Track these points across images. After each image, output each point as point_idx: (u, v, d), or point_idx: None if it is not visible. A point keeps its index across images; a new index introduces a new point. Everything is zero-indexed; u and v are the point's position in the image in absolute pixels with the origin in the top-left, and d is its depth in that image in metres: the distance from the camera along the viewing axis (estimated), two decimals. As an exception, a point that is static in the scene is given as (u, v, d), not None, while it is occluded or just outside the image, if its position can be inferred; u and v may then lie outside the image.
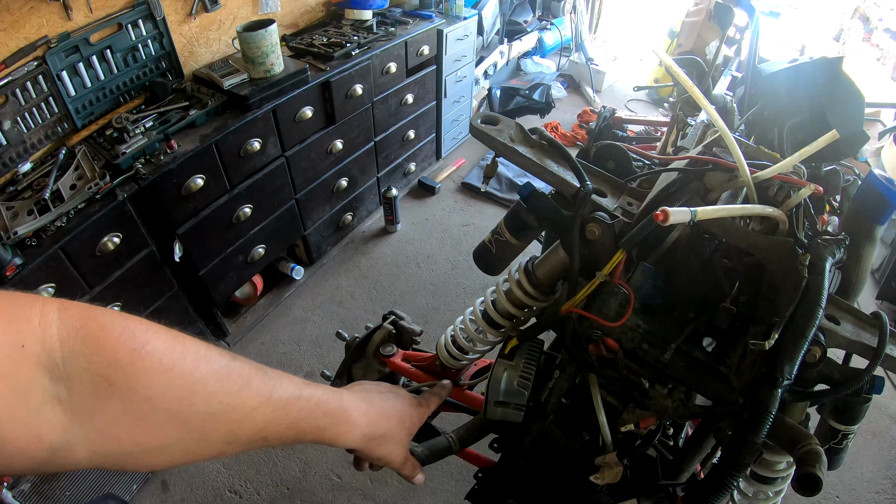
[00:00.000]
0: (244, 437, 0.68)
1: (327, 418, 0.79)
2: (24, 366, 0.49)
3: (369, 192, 4.02)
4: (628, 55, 6.57)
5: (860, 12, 4.71)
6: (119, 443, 0.57)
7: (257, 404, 0.68)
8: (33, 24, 2.30)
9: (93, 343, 0.53)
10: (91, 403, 0.53)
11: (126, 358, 0.55)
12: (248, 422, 0.67)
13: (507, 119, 1.29)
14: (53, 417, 0.51)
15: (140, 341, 0.56)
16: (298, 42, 3.36)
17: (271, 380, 0.71)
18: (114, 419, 0.55)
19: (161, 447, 0.60)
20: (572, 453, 1.33)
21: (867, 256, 1.30)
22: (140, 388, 0.56)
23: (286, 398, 0.72)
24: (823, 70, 1.56)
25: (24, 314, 0.50)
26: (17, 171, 2.38)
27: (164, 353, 0.58)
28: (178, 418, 0.60)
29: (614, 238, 1.09)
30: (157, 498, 2.61)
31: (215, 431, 0.64)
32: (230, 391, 0.65)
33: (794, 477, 0.91)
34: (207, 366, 0.63)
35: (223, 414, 0.64)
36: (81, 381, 0.52)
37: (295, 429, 0.74)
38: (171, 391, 0.58)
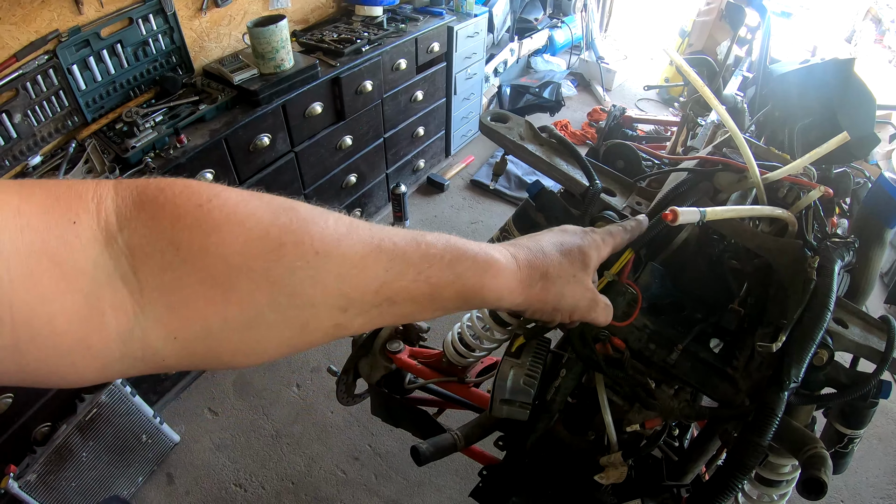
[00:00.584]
0: (360, 297, 0.54)
1: (464, 262, 0.62)
2: (75, 243, 0.41)
3: (378, 189, 4.02)
4: (639, 54, 6.55)
5: (872, 14, 4.68)
6: (202, 320, 0.46)
7: (366, 252, 0.54)
8: (44, 18, 2.31)
9: (151, 206, 0.45)
10: (160, 276, 0.44)
11: (192, 214, 0.46)
12: (359, 276, 0.53)
13: (517, 117, 1.29)
14: (117, 300, 0.43)
15: (205, 196, 0.47)
16: (309, 38, 3.37)
17: (380, 228, 0.57)
18: (190, 291, 0.45)
19: (254, 319, 0.49)
20: (577, 452, 1.33)
21: (876, 260, 1.30)
22: (212, 248, 0.46)
23: (403, 243, 0.57)
24: (835, 71, 1.55)
25: (76, 191, 0.43)
26: (27, 164, 2.39)
27: (238, 204, 0.48)
28: (267, 278, 0.48)
29: (623, 237, 1.09)
30: (163, 490, 2.63)
31: (321, 293, 0.51)
32: (327, 238, 0.51)
33: (799, 480, 0.90)
34: (294, 213, 0.51)
35: (322, 267, 0.51)
36: (144, 251, 0.44)
37: (425, 283, 0.58)
38: (250, 246, 0.47)
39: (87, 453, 2.30)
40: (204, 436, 2.83)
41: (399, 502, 2.59)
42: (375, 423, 2.46)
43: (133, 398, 2.42)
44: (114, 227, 0.43)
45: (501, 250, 0.68)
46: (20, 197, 0.40)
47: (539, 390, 1.25)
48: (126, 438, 2.46)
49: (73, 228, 0.41)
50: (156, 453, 2.66)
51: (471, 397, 1.61)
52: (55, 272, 0.40)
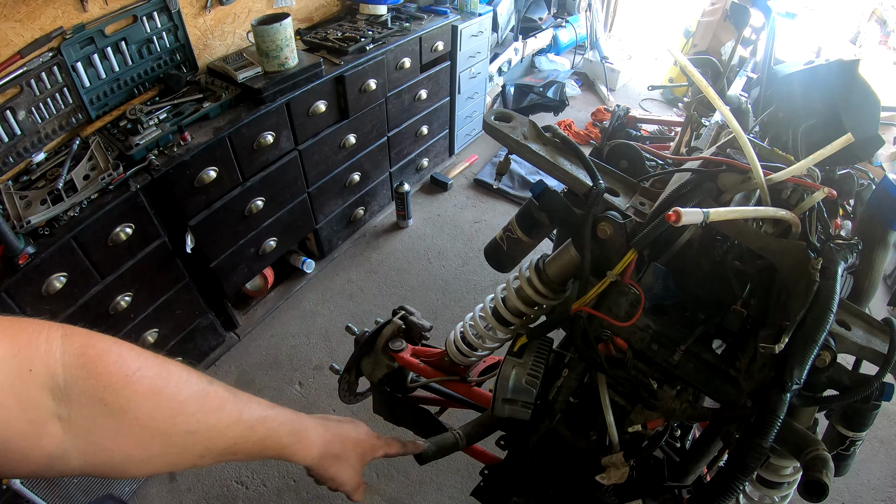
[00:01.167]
0: (216, 451, 0.77)
1: (290, 437, 0.90)
2: (31, 387, 0.57)
3: (381, 187, 4.02)
4: (643, 54, 6.54)
5: (877, 15, 4.66)
6: (110, 455, 0.65)
7: (229, 423, 0.77)
8: (49, 15, 2.31)
9: (91, 368, 0.61)
10: (88, 421, 0.61)
11: (119, 382, 0.63)
12: (220, 439, 0.76)
13: (521, 116, 1.29)
14: (54, 431, 0.59)
15: (132, 368, 0.65)
16: (313, 36, 3.37)
17: (242, 402, 0.81)
18: (107, 435, 0.63)
19: (146, 459, 0.69)
20: (579, 452, 1.33)
21: (880, 262, 1.30)
22: (131, 409, 0.64)
23: (254, 419, 0.82)
24: (839, 73, 1.55)
25: (33, 341, 0.58)
26: (30, 160, 2.39)
27: (153, 379, 0.67)
28: (163, 435, 0.69)
29: (626, 237, 1.09)
30: (164, 488, 2.63)
31: (193, 446, 0.73)
32: (207, 412, 0.74)
33: (801, 482, 0.90)
34: (188, 389, 0.72)
35: (200, 432, 0.73)
36: (80, 401, 0.60)
37: (260, 445, 0.84)
38: (157, 412, 0.67)
39: (90, 450, 2.30)
40: (206, 433, 2.83)
41: (400, 501, 2.59)
42: (377, 421, 2.45)
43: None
44: (60, 378, 0.59)
45: (320, 431, 0.98)
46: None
47: (541, 390, 1.26)
48: (128, 435, 2.46)
49: (30, 376, 0.56)
50: (158, 450, 2.66)
51: (473, 396, 1.61)
52: (17, 406, 0.56)
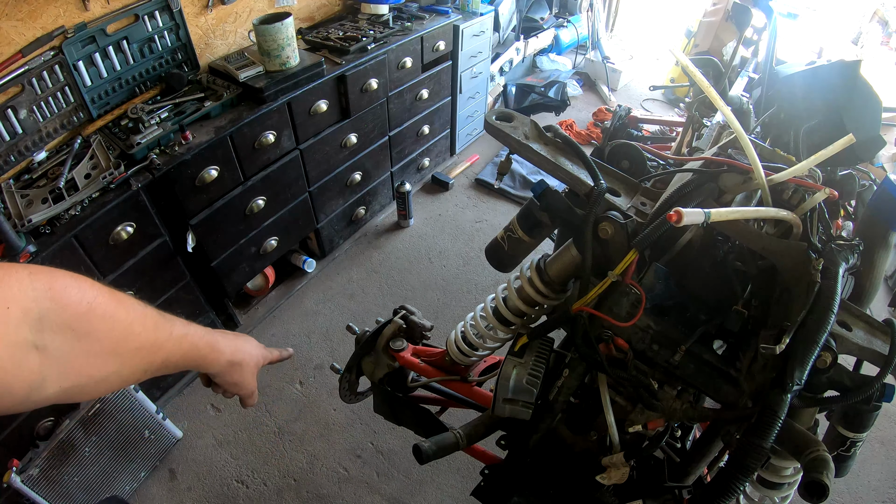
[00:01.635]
0: (155, 365, 0.87)
1: (206, 347, 1.01)
2: (10, 323, 0.62)
3: (383, 187, 4.02)
4: (645, 54, 6.53)
5: (879, 16, 4.66)
6: (79, 376, 0.72)
7: (164, 339, 0.87)
8: (50, 14, 2.31)
9: (58, 300, 0.67)
10: (61, 347, 0.68)
11: (83, 309, 0.71)
12: (158, 353, 0.87)
13: (522, 116, 1.29)
14: (33, 362, 0.65)
15: (91, 296, 0.72)
16: (314, 35, 3.37)
17: (169, 321, 0.90)
18: (77, 358, 0.71)
19: (105, 377, 0.77)
20: (579, 452, 1.33)
21: (881, 263, 1.30)
22: (93, 332, 0.72)
23: (180, 334, 0.93)
24: (841, 73, 1.55)
25: (4, 282, 0.63)
26: (32, 159, 2.39)
27: (107, 305, 0.75)
28: (116, 354, 0.77)
29: (627, 238, 1.09)
30: (165, 486, 2.63)
31: (139, 362, 0.83)
32: (148, 330, 0.83)
33: (801, 483, 0.90)
34: (133, 312, 0.81)
35: (145, 348, 0.83)
36: (53, 330, 0.67)
37: (185, 357, 0.95)
38: (113, 333, 0.76)
39: (90, 448, 2.31)
40: (206, 432, 2.84)
41: (401, 500, 2.59)
42: (378, 420, 2.46)
43: (136, 394, 2.43)
44: (34, 313, 0.64)
45: (227, 341, 1.09)
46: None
47: (542, 390, 1.26)
48: (129, 434, 2.47)
49: (7, 313, 0.61)
50: (158, 449, 2.67)
51: (473, 396, 1.61)
52: (0, 342, 0.60)
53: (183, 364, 0.96)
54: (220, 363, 1.08)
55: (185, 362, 0.97)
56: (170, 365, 0.92)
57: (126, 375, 0.82)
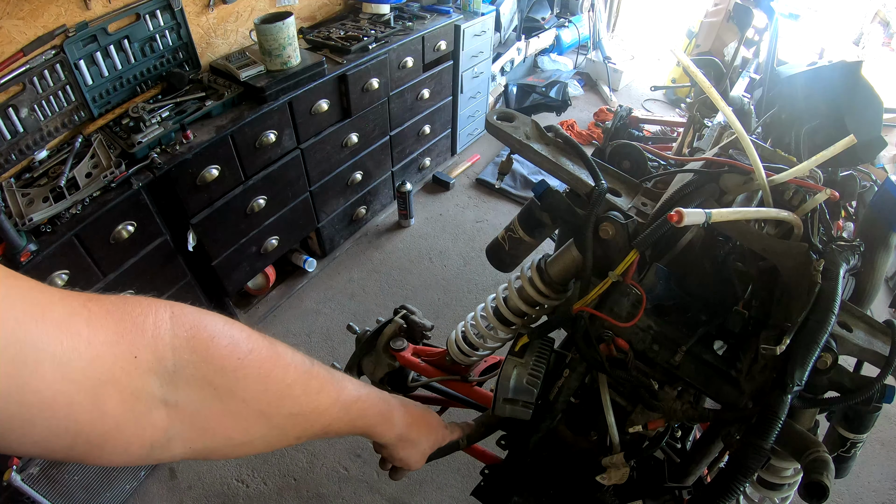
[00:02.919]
0: (312, 431, 0.77)
1: (377, 417, 0.92)
2: (135, 374, 0.52)
3: (383, 186, 4.02)
4: (646, 54, 6.53)
5: (880, 16, 4.66)
6: (213, 438, 0.63)
7: (328, 405, 0.77)
8: (51, 13, 2.31)
9: (203, 352, 0.58)
10: (195, 405, 0.59)
11: (231, 366, 0.61)
12: (319, 420, 0.77)
13: (523, 116, 1.29)
14: (158, 419, 0.56)
15: (244, 350, 0.63)
16: (316, 35, 3.37)
17: (338, 382, 0.81)
18: (213, 419, 0.61)
19: (247, 442, 0.67)
20: (579, 453, 1.33)
21: (882, 264, 1.30)
22: (239, 392, 0.63)
23: (350, 400, 0.82)
24: (842, 74, 1.55)
25: (139, 324, 0.54)
26: (33, 158, 2.40)
27: (263, 361, 0.65)
28: (267, 417, 0.68)
29: (628, 238, 1.09)
30: (165, 485, 2.63)
31: (293, 428, 0.73)
32: (310, 394, 0.73)
33: (802, 484, 0.90)
34: (295, 371, 0.71)
35: (303, 415, 0.73)
36: (189, 385, 0.57)
37: (350, 425, 0.85)
38: (265, 395, 0.66)
39: (91, 447, 2.30)
40: (207, 431, 2.83)
41: (400, 500, 2.59)
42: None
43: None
44: (169, 362, 0.55)
45: (402, 413, 1.01)
46: (90, 328, 0.49)
47: (542, 390, 1.25)
48: (129, 433, 2.46)
49: (134, 362, 0.52)
50: (159, 448, 2.66)
51: (474, 396, 1.61)
52: (117, 397, 0.51)
53: (347, 431, 0.86)
54: (389, 437, 0.99)
55: (350, 430, 0.87)
56: (332, 432, 0.82)
57: (273, 441, 0.72)
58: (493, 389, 1.28)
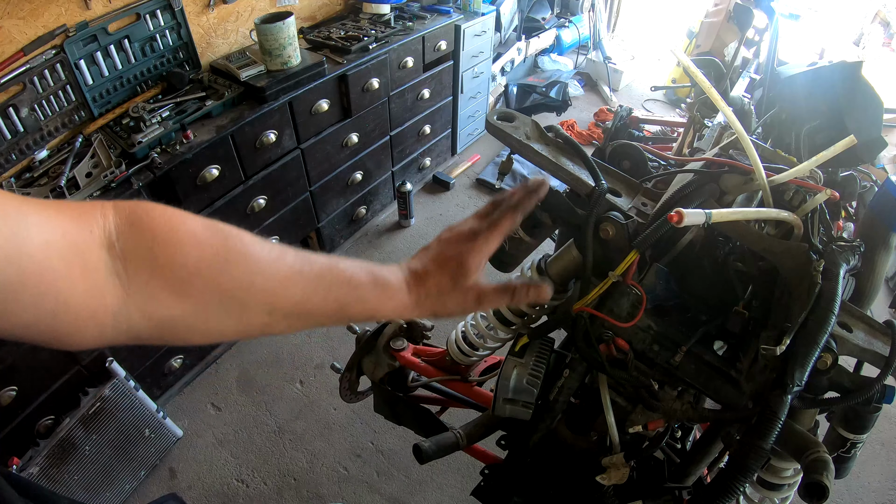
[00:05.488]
0: (283, 307, 0.71)
1: (365, 286, 0.77)
2: (93, 247, 0.59)
3: (384, 186, 4.02)
4: (646, 55, 6.53)
5: (881, 17, 4.66)
6: (168, 309, 0.64)
7: (291, 274, 0.71)
8: (52, 12, 2.31)
9: (139, 224, 0.63)
10: (141, 275, 0.62)
11: (166, 233, 0.64)
12: (284, 291, 0.70)
13: (524, 116, 1.29)
14: (114, 288, 0.61)
15: (176, 222, 0.65)
16: (316, 35, 3.37)
17: (305, 254, 0.74)
18: (161, 286, 0.63)
19: (203, 312, 0.67)
20: (579, 453, 1.33)
21: (882, 264, 1.30)
22: (178, 258, 0.64)
23: (319, 268, 0.73)
24: (842, 74, 1.55)
25: (91, 210, 0.61)
26: (33, 158, 2.39)
27: (198, 231, 0.67)
28: (214, 284, 0.66)
29: (628, 238, 1.09)
30: (165, 485, 2.63)
31: (252, 298, 0.69)
32: (262, 261, 0.69)
33: (801, 484, 0.90)
34: (239, 241, 0.69)
35: (258, 283, 0.69)
36: (133, 256, 0.62)
37: (334, 302, 0.74)
38: (205, 262, 0.66)
39: (90, 447, 2.31)
40: (207, 431, 2.84)
41: (401, 500, 2.59)
42: (378, 420, 2.46)
43: (136, 392, 2.43)
44: (113, 237, 0.61)
45: (397, 274, 0.81)
46: (57, 212, 0.58)
47: (542, 390, 1.26)
48: (129, 432, 2.47)
49: (90, 236, 0.59)
50: (158, 448, 2.67)
51: (474, 396, 1.61)
52: (81, 265, 0.58)
53: (338, 310, 0.75)
54: (397, 305, 0.80)
55: (339, 308, 0.75)
56: (315, 312, 0.73)
57: (237, 314, 0.68)
58: (493, 389, 1.28)
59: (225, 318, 0.68)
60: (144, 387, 2.52)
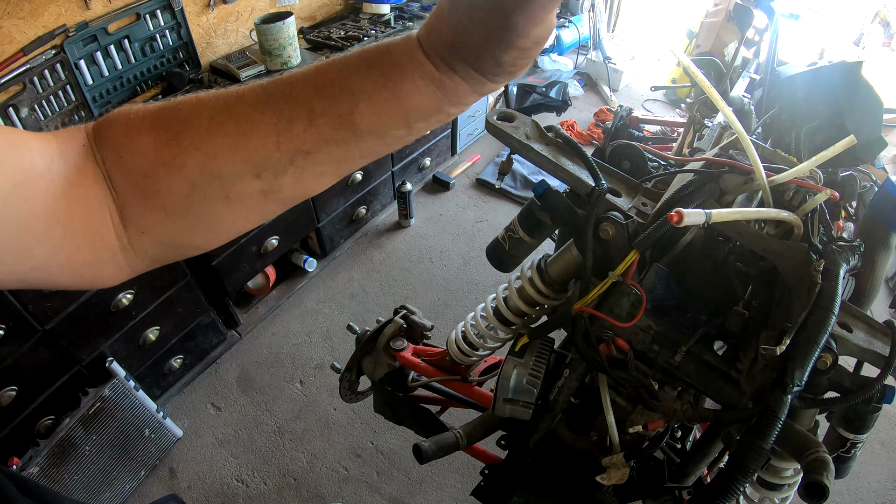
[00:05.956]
0: (265, 157, 0.57)
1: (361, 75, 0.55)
2: (86, 158, 0.58)
3: (384, 186, 4.02)
4: (646, 55, 6.52)
5: (881, 17, 4.65)
6: (165, 196, 0.59)
7: (251, 111, 0.56)
8: (52, 12, 2.32)
9: (104, 124, 0.60)
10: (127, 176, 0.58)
11: (123, 126, 0.58)
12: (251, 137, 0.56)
13: (523, 116, 1.29)
14: (106, 198, 0.58)
15: (126, 115, 0.59)
16: (316, 35, 3.37)
17: (279, 79, 0.58)
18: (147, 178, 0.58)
19: (186, 200, 0.59)
20: (579, 453, 1.33)
21: (882, 264, 1.30)
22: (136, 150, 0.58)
23: (296, 84, 0.56)
24: (842, 74, 1.55)
25: (76, 129, 0.60)
26: (34, 157, 2.39)
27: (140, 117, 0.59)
28: (174, 164, 0.57)
29: (628, 238, 1.09)
30: (165, 485, 2.63)
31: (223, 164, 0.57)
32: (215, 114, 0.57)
33: (801, 484, 0.90)
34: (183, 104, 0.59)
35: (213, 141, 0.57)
36: (110, 159, 0.59)
37: (327, 121, 0.55)
38: (154, 146, 0.57)
39: (90, 447, 2.31)
40: (207, 431, 2.84)
41: (401, 500, 2.59)
42: (378, 420, 2.46)
43: (136, 392, 2.43)
44: (94, 146, 0.59)
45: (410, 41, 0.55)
46: (54, 136, 0.58)
47: (542, 390, 1.26)
48: (129, 433, 2.47)
49: (82, 150, 0.58)
50: (158, 448, 2.67)
51: (474, 396, 1.61)
52: (81, 180, 0.57)
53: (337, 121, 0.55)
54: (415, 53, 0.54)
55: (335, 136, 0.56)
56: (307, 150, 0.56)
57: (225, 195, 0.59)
58: (493, 389, 1.28)
59: (213, 202, 0.59)
60: (144, 387, 2.52)
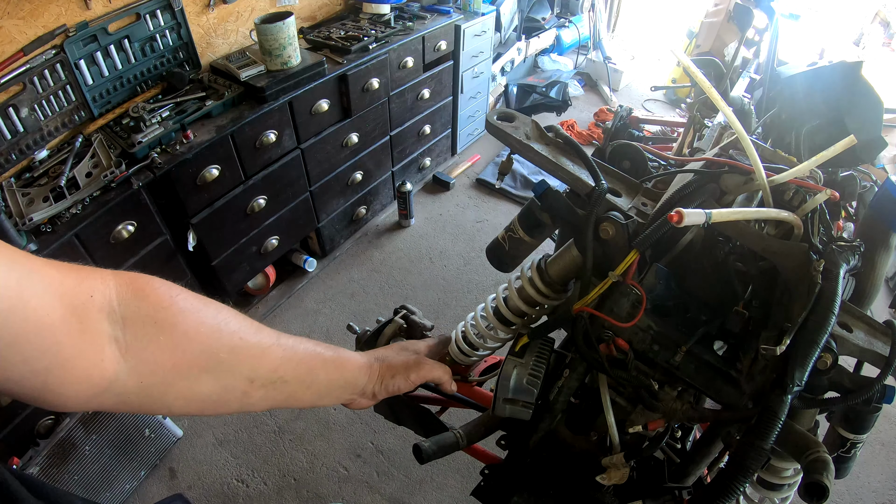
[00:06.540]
0: (263, 373, 0.81)
1: (331, 352, 0.96)
2: (92, 311, 0.63)
3: (384, 186, 4.02)
4: (646, 55, 6.53)
5: (881, 17, 4.65)
6: (162, 372, 0.70)
7: (270, 344, 0.82)
8: (52, 12, 2.32)
9: (141, 294, 0.68)
10: (140, 341, 0.67)
11: (166, 302, 0.70)
12: (265, 358, 0.81)
13: (524, 116, 1.29)
14: (111, 353, 0.65)
15: (175, 291, 0.73)
16: (316, 35, 3.37)
17: (277, 333, 0.86)
18: (158, 350, 0.69)
19: (195, 377, 0.74)
20: (579, 453, 1.33)
21: (882, 264, 1.30)
22: (179, 324, 0.70)
23: (291, 341, 0.87)
24: (842, 74, 1.55)
25: (92, 275, 0.65)
26: (33, 158, 2.40)
27: (195, 300, 0.75)
28: (209, 350, 0.74)
29: (628, 238, 1.09)
30: (165, 485, 2.63)
31: (239, 365, 0.78)
32: (247, 331, 0.79)
33: (801, 484, 0.90)
34: (225, 312, 0.78)
35: (244, 349, 0.78)
36: (134, 322, 0.66)
37: (305, 366, 0.89)
38: (202, 327, 0.73)
39: (90, 447, 2.31)
40: (206, 431, 2.84)
41: (400, 500, 2.59)
42: (378, 420, 2.46)
43: (137, 392, 2.42)
44: (114, 304, 0.65)
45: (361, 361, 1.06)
46: (59, 272, 0.61)
47: (542, 390, 1.25)
48: (129, 433, 2.47)
49: (90, 301, 0.63)
50: (158, 448, 2.67)
51: (474, 396, 1.61)
52: (79, 327, 0.61)
53: (308, 374, 0.90)
54: (356, 364, 1.03)
55: (308, 372, 0.90)
56: (289, 378, 0.86)
57: (224, 383, 0.78)
58: (493, 389, 1.28)
59: (211, 382, 0.76)
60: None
